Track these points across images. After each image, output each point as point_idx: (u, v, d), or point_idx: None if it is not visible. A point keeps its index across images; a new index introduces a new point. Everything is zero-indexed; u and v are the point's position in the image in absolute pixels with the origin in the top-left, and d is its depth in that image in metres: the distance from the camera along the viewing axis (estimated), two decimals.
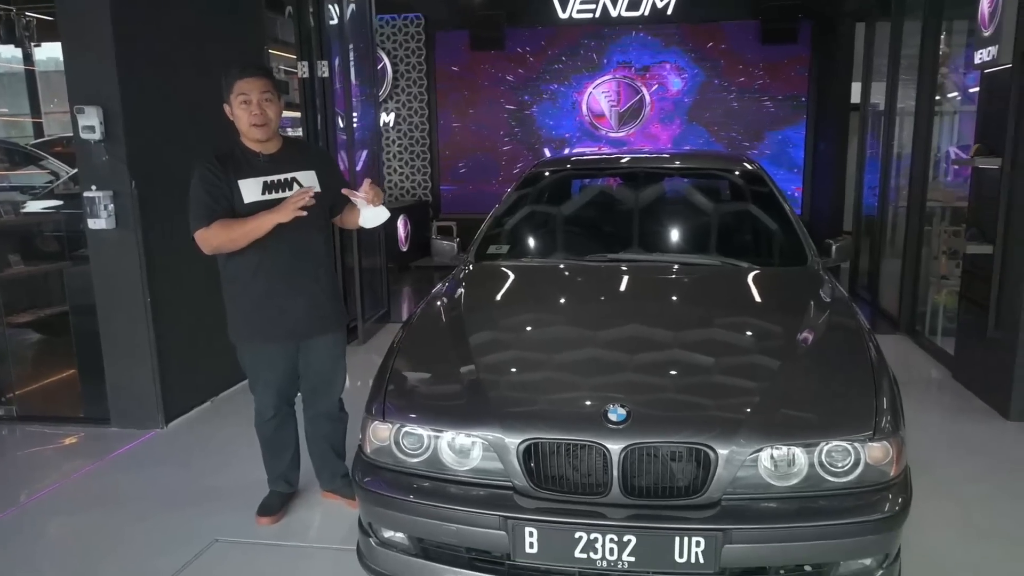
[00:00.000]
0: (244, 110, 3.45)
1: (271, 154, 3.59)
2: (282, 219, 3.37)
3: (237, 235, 3.42)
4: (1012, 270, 5.05)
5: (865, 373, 2.91)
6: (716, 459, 2.56)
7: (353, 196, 3.56)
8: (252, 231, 3.41)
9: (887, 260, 8.28)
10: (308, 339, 3.74)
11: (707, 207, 4.64)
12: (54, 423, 5.29)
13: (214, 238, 3.43)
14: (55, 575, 3.49)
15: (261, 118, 3.46)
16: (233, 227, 3.41)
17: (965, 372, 5.81)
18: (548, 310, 3.69)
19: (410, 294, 9.77)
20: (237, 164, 3.51)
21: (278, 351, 3.69)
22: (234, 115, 3.51)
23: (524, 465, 2.64)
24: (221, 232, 3.42)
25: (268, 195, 3.50)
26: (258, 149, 3.57)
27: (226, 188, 3.46)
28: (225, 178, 3.46)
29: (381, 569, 2.92)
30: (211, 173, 3.45)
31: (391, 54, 12.10)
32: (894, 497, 2.62)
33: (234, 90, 3.46)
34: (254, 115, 3.45)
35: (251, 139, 3.54)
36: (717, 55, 11.53)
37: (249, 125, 3.47)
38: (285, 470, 3.98)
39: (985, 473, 4.36)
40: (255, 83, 3.46)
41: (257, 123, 3.46)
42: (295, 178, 3.58)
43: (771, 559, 2.60)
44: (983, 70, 5.38)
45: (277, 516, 3.88)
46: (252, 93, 3.44)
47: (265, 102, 3.47)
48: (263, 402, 3.81)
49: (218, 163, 3.49)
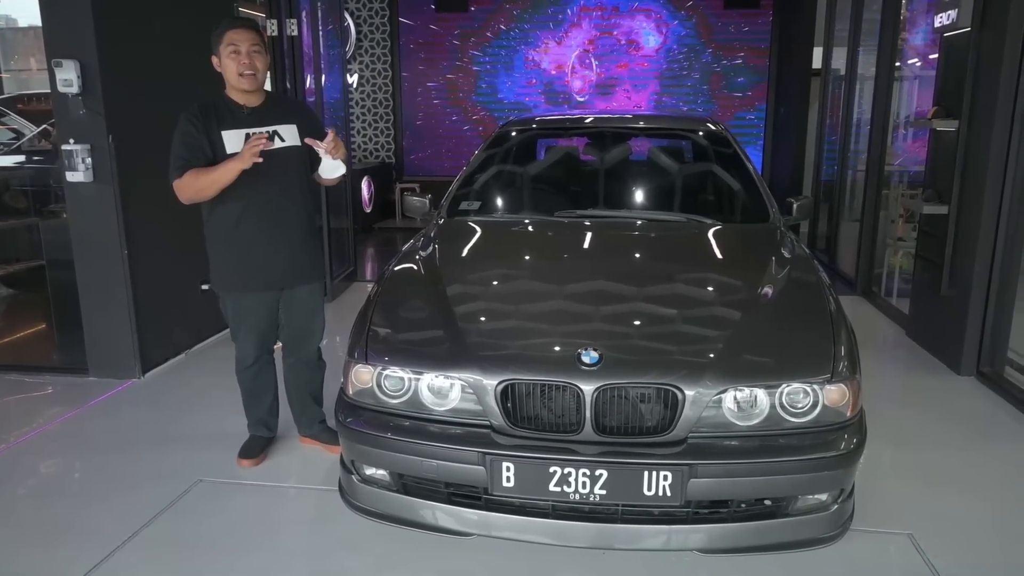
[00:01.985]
0: (233, 59, 3.52)
1: (254, 107, 3.65)
2: (243, 165, 3.42)
3: (204, 183, 3.49)
4: (966, 230, 5.20)
5: (824, 322, 3.06)
6: (683, 399, 2.69)
7: (316, 146, 3.60)
8: (218, 179, 3.46)
9: (845, 224, 8.44)
10: (290, 289, 3.83)
11: (672, 166, 4.77)
12: (33, 372, 5.34)
13: (186, 188, 3.51)
14: (42, 517, 3.55)
15: (250, 67, 3.53)
16: (200, 176, 3.48)
17: (919, 330, 6.00)
18: (522, 264, 3.80)
19: (375, 254, 9.86)
20: (220, 115, 3.57)
21: (260, 300, 3.78)
22: (222, 65, 3.57)
23: (501, 405, 2.76)
24: (192, 181, 3.49)
25: None
26: (242, 101, 3.63)
27: (205, 140, 3.52)
28: (205, 129, 3.52)
29: (363, 504, 3.04)
30: (191, 124, 3.52)
31: (354, 14, 12.04)
32: (849, 437, 2.78)
33: (223, 40, 3.52)
34: (243, 64, 3.52)
35: (238, 89, 3.59)
36: (681, 18, 11.63)
37: (237, 75, 3.53)
38: (265, 415, 4.07)
39: (935, 424, 4.55)
40: (245, 34, 3.54)
41: (245, 72, 3.53)
42: (277, 131, 3.64)
43: (733, 492, 2.74)
44: (943, 34, 5.52)
45: (258, 459, 3.98)
46: (242, 44, 3.52)
47: (254, 53, 3.54)
48: (244, 349, 3.88)
49: (200, 114, 3.55)
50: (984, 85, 5.01)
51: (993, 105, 4.88)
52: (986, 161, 4.96)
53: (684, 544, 2.78)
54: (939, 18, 5.38)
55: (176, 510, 3.58)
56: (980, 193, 5.02)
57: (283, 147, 3.66)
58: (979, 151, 5.06)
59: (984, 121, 5.00)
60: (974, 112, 5.11)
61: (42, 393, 5.05)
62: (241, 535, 3.39)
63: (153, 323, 5.26)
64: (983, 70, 5.02)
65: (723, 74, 11.70)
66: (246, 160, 3.40)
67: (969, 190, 5.18)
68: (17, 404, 4.88)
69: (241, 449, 4.01)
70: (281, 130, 3.66)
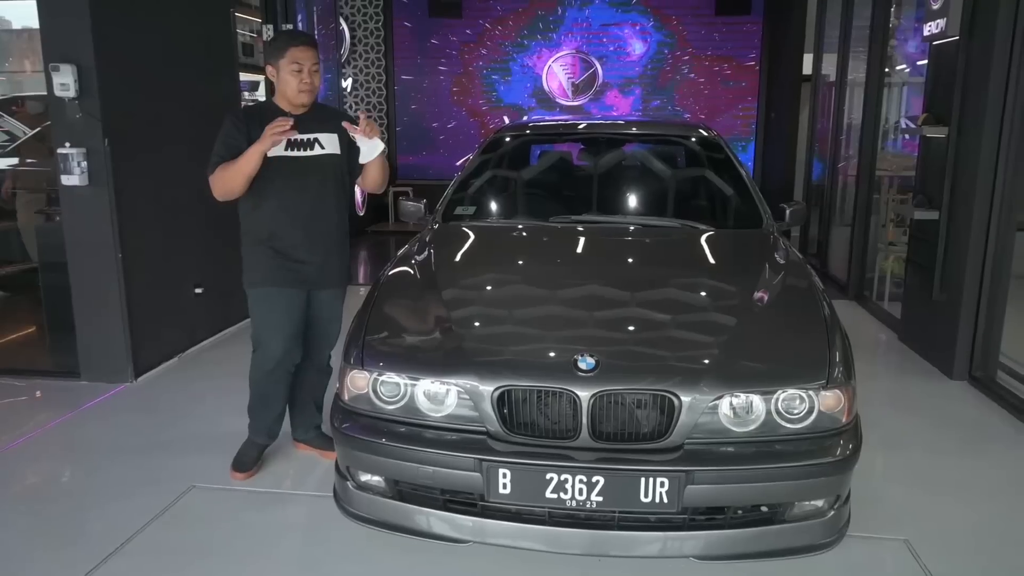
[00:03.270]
0: (295, 76, 3.61)
1: (299, 115, 3.69)
2: (263, 147, 3.48)
3: (230, 173, 3.56)
4: (956, 235, 5.24)
5: (819, 328, 3.08)
6: (679, 406, 2.70)
7: (350, 129, 3.66)
8: (242, 166, 3.53)
9: (836, 228, 8.48)
10: (318, 289, 3.87)
11: (665, 171, 4.78)
12: (24, 376, 5.33)
13: (217, 181, 3.60)
14: (33, 523, 3.54)
15: (310, 86, 3.64)
16: (228, 167, 3.56)
17: (911, 335, 6.02)
18: (518, 269, 3.81)
19: (368, 257, 9.85)
20: (264, 120, 3.58)
21: (292, 297, 3.79)
22: (280, 78, 3.66)
23: (498, 411, 2.76)
24: (220, 174, 3.58)
25: (290, 151, 3.67)
26: (288, 109, 3.70)
27: (244, 141, 3.58)
28: (246, 131, 3.59)
29: (357, 511, 3.04)
30: (233, 126, 3.62)
31: (348, 19, 12.04)
32: (845, 442, 2.79)
33: (287, 56, 3.60)
34: (304, 83, 3.62)
35: (294, 103, 3.68)
36: (672, 25, 11.65)
37: (297, 91, 3.63)
38: (271, 423, 4.01)
39: (928, 428, 4.57)
40: (308, 52, 3.64)
41: (305, 90, 3.63)
42: (317, 139, 3.73)
43: (730, 499, 2.75)
44: (931, 42, 5.55)
45: (251, 472, 3.93)
46: (305, 62, 3.62)
47: (314, 72, 3.65)
48: (270, 349, 3.83)
49: (245, 116, 3.67)
50: (973, 92, 5.05)
51: (982, 112, 4.92)
52: (976, 167, 5.00)
53: (680, 551, 2.79)
54: (927, 26, 5.41)
55: (169, 516, 3.57)
56: (970, 198, 5.06)
57: (322, 154, 3.75)
58: (969, 157, 5.10)
59: (973, 128, 5.04)
60: (963, 119, 5.15)
61: (34, 397, 5.03)
62: (234, 542, 3.38)
63: (146, 326, 5.25)
64: (972, 78, 5.06)
65: (714, 80, 11.73)
66: (266, 142, 3.46)
67: (959, 195, 5.21)
68: (8, 408, 4.86)
69: (235, 459, 3.97)
70: (322, 138, 3.74)
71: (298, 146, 3.68)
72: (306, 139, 3.70)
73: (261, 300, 3.81)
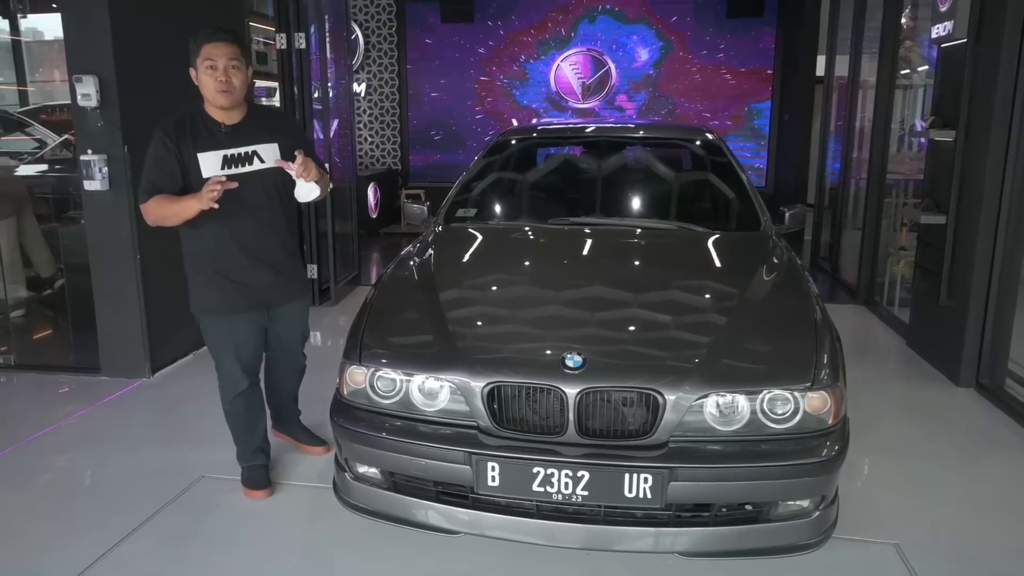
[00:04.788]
0: (210, 76, 3.35)
1: (234, 124, 3.48)
2: (201, 206, 3.25)
3: (167, 214, 3.37)
4: (964, 240, 5.21)
5: (807, 329, 3.12)
6: (664, 404, 2.77)
7: (287, 167, 3.42)
8: (179, 212, 3.33)
9: (848, 232, 8.44)
10: (276, 308, 3.72)
11: (667, 175, 4.83)
12: (48, 371, 5.53)
13: (150, 213, 3.40)
14: (53, 508, 3.69)
15: (226, 85, 3.36)
16: (165, 206, 3.35)
17: (919, 340, 5.99)
18: (514, 270, 3.88)
19: (379, 258, 9.97)
20: (196, 133, 3.42)
21: (248, 321, 3.63)
22: (199, 80, 3.41)
23: (488, 407, 2.85)
24: (156, 209, 3.38)
25: (227, 169, 3.42)
26: (221, 118, 3.46)
27: (176, 163, 3.38)
28: (177, 150, 3.38)
29: (355, 501, 3.15)
30: (163, 145, 3.38)
31: (363, 25, 12.23)
32: (831, 444, 2.84)
33: (201, 54, 3.36)
34: (219, 81, 3.35)
35: (215, 106, 3.43)
36: (684, 27, 11.64)
37: (214, 92, 3.37)
38: (260, 441, 3.87)
39: (931, 435, 4.54)
40: (223, 48, 3.36)
41: (222, 90, 3.36)
42: (256, 151, 3.49)
43: (713, 496, 2.81)
44: (940, 45, 5.53)
45: (270, 488, 3.80)
46: (219, 59, 3.34)
47: (232, 69, 3.36)
48: (232, 377, 3.67)
49: (175, 132, 3.40)
50: (981, 96, 5.04)
51: (990, 116, 4.91)
52: (983, 171, 4.98)
53: (667, 546, 2.85)
54: (935, 29, 5.39)
55: (179, 504, 3.71)
56: (978, 203, 5.03)
57: (262, 168, 3.51)
58: (976, 161, 5.07)
59: (981, 131, 5.02)
60: (971, 123, 5.13)
61: (57, 391, 5.20)
62: (240, 529, 3.51)
63: (163, 324, 5.40)
64: (979, 81, 5.05)
65: (727, 82, 11.70)
66: (204, 202, 3.23)
67: (967, 200, 5.19)
68: (34, 401, 5.04)
69: (246, 480, 3.82)
70: (260, 150, 3.50)
71: (235, 162, 3.43)
72: (243, 153, 3.45)
73: (213, 327, 3.62)
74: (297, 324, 3.90)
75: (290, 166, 3.39)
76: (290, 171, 3.40)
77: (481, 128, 12.28)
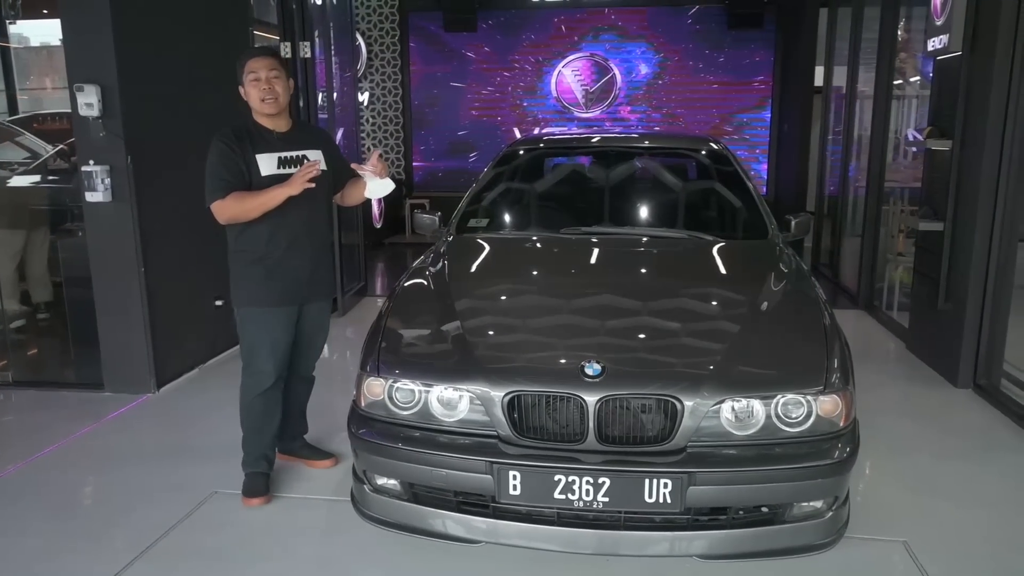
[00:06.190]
0: (254, 87, 3.66)
1: (283, 132, 3.78)
2: (293, 192, 3.55)
3: (251, 206, 3.60)
4: (960, 246, 5.32)
5: (818, 335, 3.17)
6: (682, 410, 2.80)
7: (361, 169, 3.79)
8: (267, 202, 3.59)
9: (847, 239, 8.54)
10: (307, 303, 3.91)
11: (674, 184, 4.87)
12: (49, 387, 5.49)
13: (229, 209, 3.61)
14: (62, 528, 3.65)
15: (270, 93, 3.66)
16: (247, 199, 3.60)
17: (918, 344, 6.09)
18: (528, 280, 3.92)
19: (385, 269, 9.98)
20: (253, 139, 3.70)
21: (283, 314, 3.81)
22: (247, 94, 3.71)
23: (508, 416, 2.88)
24: (235, 204, 3.60)
25: (282, 169, 3.70)
26: (271, 126, 3.75)
27: (241, 162, 3.64)
28: (241, 151, 3.65)
29: (374, 514, 3.15)
30: (227, 147, 3.63)
31: (365, 35, 12.23)
32: (843, 445, 2.89)
33: (245, 70, 3.67)
34: (263, 90, 3.65)
35: (262, 114, 3.72)
36: (685, 39, 11.78)
37: (259, 100, 3.66)
38: (267, 449, 3.97)
39: (933, 435, 4.63)
40: (263, 61, 3.68)
41: (266, 98, 3.66)
42: (305, 155, 3.78)
43: (731, 500, 2.85)
44: (935, 57, 5.64)
45: (268, 496, 3.88)
46: (261, 71, 3.65)
47: (273, 79, 3.67)
48: (265, 369, 3.81)
49: (235, 136, 3.68)
50: (975, 107, 5.14)
51: (984, 126, 5.01)
52: (978, 180, 5.08)
53: (685, 550, 2.88)
54: (931, 42, 5.50)
55: (191, 522, 3.69)
56: (973, 210, 5.14)
57: None
58: (972, 170, 5.18)
59: (976, 141, 5.12)
60: (966, 132, 5.23)
61: (59, 408, 5.14)
62: (256, 546, 3.50)
63: (168, 338, 5.39)
64: (974, 93, 5.15)
65: (728, 92, 11.84)
66: (297, 187, 3.55)
67: (963, 207, 5.29)
68: (36, 419, 4.98)
69: (245, 487, 3.91)
70: (309, 155, 3.80)
71: (289, 163, 3.74)
72: (295, 156, 3.76)
73: (254, 319, 3.81)
74: (320, 322, 4.06)
75: (364, 168, 3.80)
76: (364, 172, 3.82)
77: (484, 136, 12.34)
